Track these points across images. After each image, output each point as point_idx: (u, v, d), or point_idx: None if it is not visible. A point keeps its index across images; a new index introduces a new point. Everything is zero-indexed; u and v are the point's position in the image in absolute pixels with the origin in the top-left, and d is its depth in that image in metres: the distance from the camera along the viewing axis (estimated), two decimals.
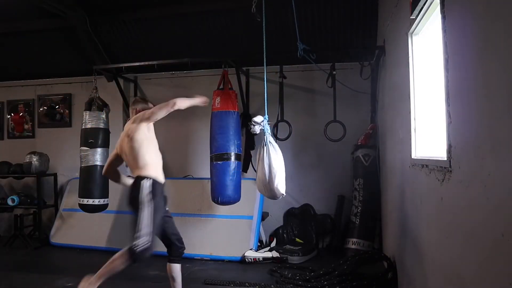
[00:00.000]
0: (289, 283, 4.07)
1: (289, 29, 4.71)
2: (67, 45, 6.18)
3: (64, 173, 6.47)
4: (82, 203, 5.13)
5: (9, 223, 6.47)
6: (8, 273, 4.61)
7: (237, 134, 4.81)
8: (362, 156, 5.18)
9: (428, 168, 2.42)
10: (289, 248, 5.17)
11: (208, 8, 5.34)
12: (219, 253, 5.10)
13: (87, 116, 5.17)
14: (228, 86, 4.95)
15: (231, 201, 4.79)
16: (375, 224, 5.13)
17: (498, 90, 1.43)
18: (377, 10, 5.07)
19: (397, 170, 3.64)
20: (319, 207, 5.70)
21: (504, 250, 1.38)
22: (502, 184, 1.40)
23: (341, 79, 5.08)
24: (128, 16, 5.62)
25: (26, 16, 5.74)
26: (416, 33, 2.96)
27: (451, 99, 1.96)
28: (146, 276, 4.54)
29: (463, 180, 1.78)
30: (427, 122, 2.85)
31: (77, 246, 5.70)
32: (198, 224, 5.35)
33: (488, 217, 1.52)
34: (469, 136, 1.72)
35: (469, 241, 1.74)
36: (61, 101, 6.70)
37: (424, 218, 2.60)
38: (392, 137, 4.05)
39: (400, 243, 3.51)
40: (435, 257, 2.33)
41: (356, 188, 5.21)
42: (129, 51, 6.13)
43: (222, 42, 5.75)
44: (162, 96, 6.33)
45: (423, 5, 2.49)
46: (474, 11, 1.70)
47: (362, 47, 5.47)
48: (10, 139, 6.88)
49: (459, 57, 1.88)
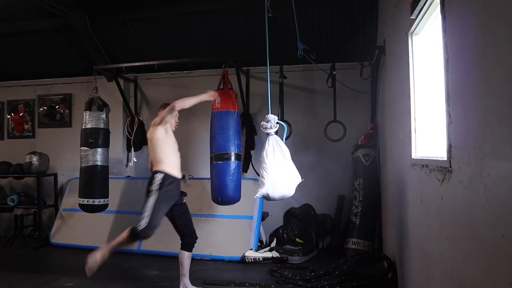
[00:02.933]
0: (289, 283, 4.08)
1: (289, 29, 4.71)
2: (67, 45, 6.18)
3: (64, 173, 6.47)
4: (82, 203, 5.13)
5: (9, 223, 6.46)
6: (8, 273, 4.61)
7: (237, 134, 4.81)
8: (362, 156, 5.18)
9: (428, 168, 2.42)
10: (289, 248, 5.17)
11: (208, 8, 5.35)
12: (219, 253, 5.10)
13: (87, 116, 5.17)
14: (228, 86, 4.96)
15: (231, 201, 4.79)
16: (375, 224, 5.13)
17: (498, 90, 1.43)
18: (377, 10, 5.08)
19: (397, 170, 3.64)
20: (319, 207, 5.70)
21: (504, 250, 1.38)
22: (502, 184, 1.40)
23: (341, 79, 5.08)
24: (128, 16, 5.63)
25: (26, 16, 5.74)
26: (416, 33, 2.96)
27: (451, 99, 1.96)
28: (146, 276, 4.55)
29: (463, 180, 1.78)
30: (427, 122, 2.85)
31: (77, 246, 5.70)
32: (198, 224, 5.32)
33: (488, 217, 1.52)
34: (469, 136, 1.71)
35: (469, 241, 1.74)
36: (61, 101, 6.70)
37: (424, 218, 2.60)
38: (392, 137, 4.05)
39: (400, 243, 3.51)
40: (435, 257, 2.33)
41: (356, 188, 5.21)
42: (129, 51, 6.13)
43: (222, 42, 5.75)
44: (162, 96, 6.34)
45: (423, 5, 2.49)
46: (474, 11, 1.69)
47: (362, 47, 5.47)
48: (10, 139, 6.88)
49: (459, 57, 1.88)
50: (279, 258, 4.92)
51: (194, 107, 6.00)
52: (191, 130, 6.10)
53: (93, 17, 5.62)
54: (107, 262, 5.23)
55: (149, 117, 6.34)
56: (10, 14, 5.71)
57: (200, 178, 5.79)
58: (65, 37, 6.06)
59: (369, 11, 5.14)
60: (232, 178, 4.73)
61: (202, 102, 5.86)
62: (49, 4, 5.03)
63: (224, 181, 4.71)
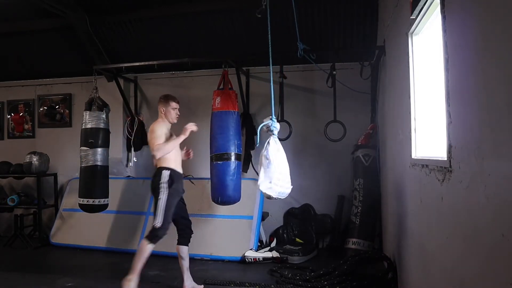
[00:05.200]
0: (289, 283, 4.08)
1: (289, 29, 4.71)
2: (67, 45, 6.18)
3: (64, 173, 6.47)
4: (82, 203, 5.13)
5: (9, 223, 6.46)
6: (8, 273, 4.61)
7: (237, 134, 4.81)
8: (362, 156, 5.18)
9: (428, 168, 2.42)
10: (289, 248, 5.17)
11: (208, 8, 5.35)
12: (219, 253, 5.10)
13: (87, 116, 5.17)
14: (228, 86, 4.95)
15: (231, 201, 4.79)
16: (375, 224, 5.13)
17: (498, 90, 1.43)
18: (377, 10, 5.07)
19: (397, 170, 3.64)
20: (319, 207, 5.70)
21: (504, 250, 1.38)
22: (502, 184, 1.40)
23: (341, 79, 5.08)
24: (128, 16, 5.63)
25: (26, 16, 5.74)
26: (416, 33, 2.96)
27: (451, 99, 1.96)
28: (146, 276, 4.54)
29: (463, 180, 1.78)
30: (427, 122, 2.84)
31: (77, 246, 5.70)
32: (198, 224, 5.34)
33: (488, 217, 1.52)
34: (469, 136, 1.71)
35: (469, 241, 1.74)
36: (61, 101, 6.70)
37: (424, 218, 2.60)
38: (392, 137, 4.05)
39: (400, 243, 3.51)
40: (435, 257, 2.33)
41: (356, 188, 5.21)
42: (129, 51, 6.13)
43: (222, 42, 5.75)
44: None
45: (423, 5, 2.49)
46: (474, 11, 1.69)
47: (362, 47, 5.47)
48: (10, 139, 6.89)
49: (459, 57, 1.88)
50: (279, 258, 4.92)
51: (194, 107, 6.08)
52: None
53: (93, 17, 5.62)
54: (107, 262, 5.27)
55: (149, 117, 6.34)
56: (10, 14, 5.71)
57: (200, 178, 5.79)
58: (65, 37, 6.06)
59: (369, 11, 5.14)
60: (232, 178, 4.73)
61: (201, 102, 5.95)
62: (49, 4, 5.03)
63: (224, 181, 4.70)
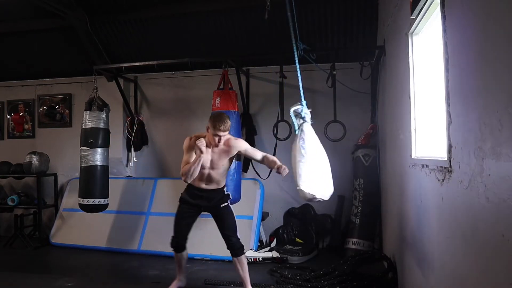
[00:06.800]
0: (289, 283, 4.07)
1: (289, 29, 4.70)
2: (67, 45, 6.18)
3: (64, 173, 6.46)
4: (82, 203, 5.13)
5: (9, 223, 6.46)
6: (8, 273, 4.61)
7: (237, 134, 4.81)
8: (362, 156, 5.18)
9: (428, 168, 2.42)
10: (289, 248, 5.17)
11: (208, 8, 5.34)
12: (219, 253, 5.08)
13: (87, 116, 5.17)
14: (228, 86, 4.95)
15: (231, 201, 4.78)
16: (375, 224, 5.13)
17: (498, 90, 1.43)
18: (377, 10, 5.07)
19: (397, 170, 3.64)
20: (319, 207, 5.69)
21: (504, 250, 1.38)
22: (502, 184, 1.40)
23: (341, 79, 5.08)
24: (128, 16, 5.62)
25: (26, 16, 5.74)
26: (416, 33, 2.96)
27: (451, 99, 1.96)
28: (146, 276, 4.54)
29: (463, 180, 1.78)
30: (427, 122, 2.85)
31: (77, 246, 5.70)
32: (198, 224, 5.30)
33: (488, 217, 1.52)
34: (469, 136, 1.71)
35: (469, 241, 1.74)
36: (61, 101, 6.70)
37: (424, 218, 2.60)
38: (392, 137, 4.05)
39: (400, 243, 3.51)
40: (435, 257, 2.33)
41: (356, 188, 5.21)
42: (129, 51, 6.13)
43: (222, 42, 5.74)
44: (162, 96, 6.36)
45: (423, 5, 2.49)
46: (474, 11, 1.69)
47: (362, 47, 5.47)
48: (10, 139, 6.88)
49: (459, 57, 1.88)
50: (279, 258, 4.92)
51: (193, 107, 6.08)
52: (191, 130, 6.09)
53: (93, 17, 5.61)
54: (107, 262, 5.27)
55: (149, 117, 6.34)
56: (10, 14, 5.71)
57: None
58: (65, 37, 6.06)
59: (369, 11, 5.14)
60: (232, 178, 4.73)
61: (201, 102, 5.95)
62: (49, 4, 5.03)
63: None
